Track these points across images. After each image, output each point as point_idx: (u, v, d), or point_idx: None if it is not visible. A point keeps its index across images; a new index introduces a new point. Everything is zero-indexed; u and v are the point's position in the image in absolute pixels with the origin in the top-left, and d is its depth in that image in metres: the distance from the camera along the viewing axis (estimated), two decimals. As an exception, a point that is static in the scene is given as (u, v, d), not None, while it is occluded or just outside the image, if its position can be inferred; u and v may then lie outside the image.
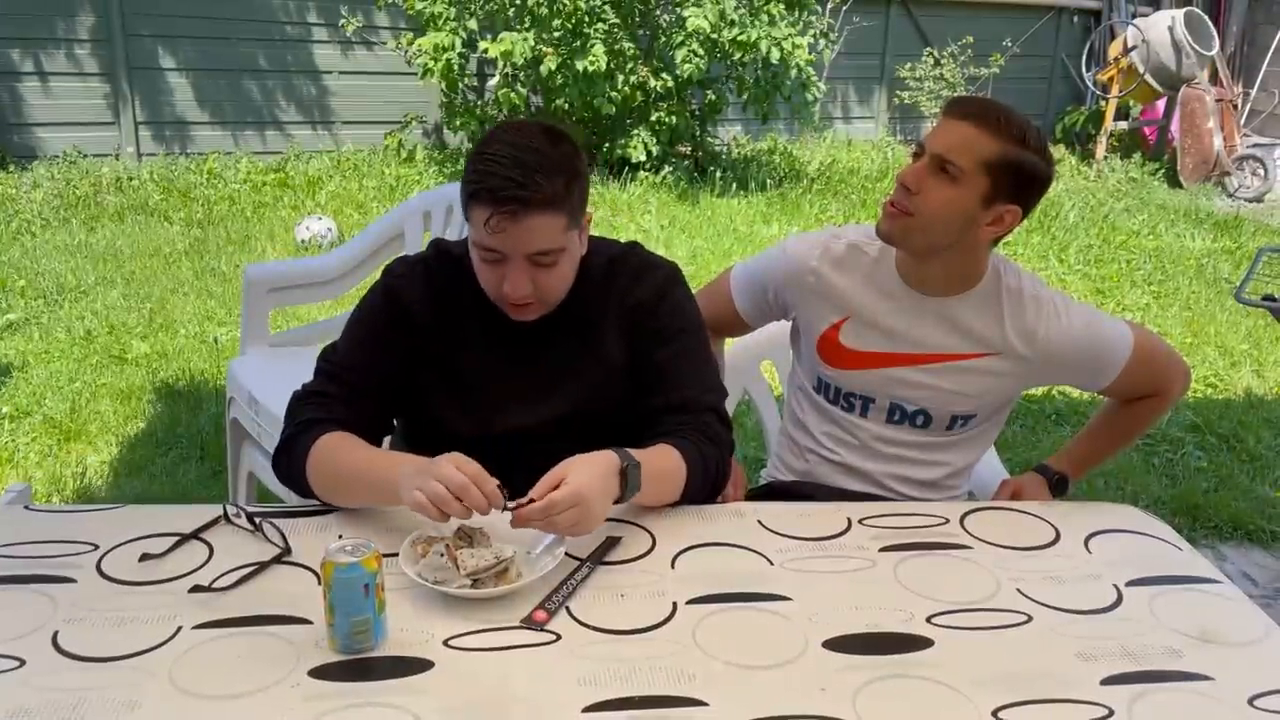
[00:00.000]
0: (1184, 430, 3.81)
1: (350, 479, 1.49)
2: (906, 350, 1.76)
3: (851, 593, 1.37)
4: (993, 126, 1.59)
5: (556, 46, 6.58)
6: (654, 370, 1.64)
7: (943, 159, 1.60)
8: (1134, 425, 1.94)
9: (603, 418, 1.64)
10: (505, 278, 1.49)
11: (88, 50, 6.73)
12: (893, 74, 9.33)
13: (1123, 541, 1.54)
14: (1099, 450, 1.97)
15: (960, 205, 1.62)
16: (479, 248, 1.50)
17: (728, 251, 5.80)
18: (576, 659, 1.21)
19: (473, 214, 1.46)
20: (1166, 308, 5.27)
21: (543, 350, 1.63)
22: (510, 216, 1.42)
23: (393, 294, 1.62)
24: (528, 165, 1.42)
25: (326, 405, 1.57)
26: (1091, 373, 1.78)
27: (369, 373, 1.60)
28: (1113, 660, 1.24)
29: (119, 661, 1.17)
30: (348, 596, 1.18)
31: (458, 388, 1.63)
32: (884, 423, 1.81)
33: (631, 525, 1.52)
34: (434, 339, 1.62)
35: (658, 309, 1.65)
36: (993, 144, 1.59)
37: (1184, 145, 8.28)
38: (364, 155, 7.33)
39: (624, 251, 1.70)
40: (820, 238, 1.83)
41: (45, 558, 1.38)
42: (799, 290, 1.82)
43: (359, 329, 1.64)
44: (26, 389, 3.66)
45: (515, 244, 1.46)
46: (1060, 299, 1.76)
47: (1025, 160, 1.61)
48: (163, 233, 5.63)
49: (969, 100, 1.64)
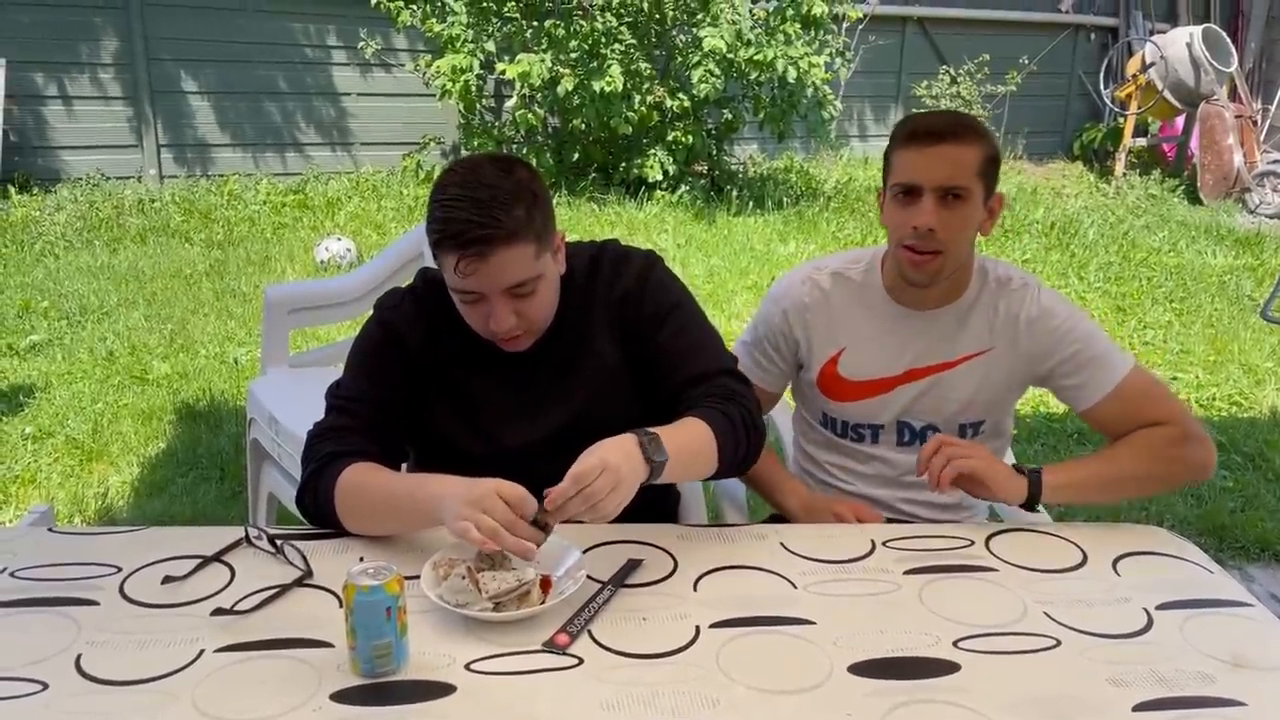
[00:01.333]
0: (1208, 449, 3.76)
1: (384, 507, 1.48)
2: (905, 369, 1.76)
3: (876, 616, 1.35)
4: (971, 133, 1.62)
5: (573, 67, 6.62)
6: (658, 356, 1.64)
7: (947, 188, 1.61)
8: (1139, 458, 1.65)
9: (610, 419, 1.62)
10: (489, 315, 1.49)
11: (111, 74, 6.82)
12: (909, 92, 9.34)
13: (1151, 564, 1.52)
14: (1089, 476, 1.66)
15: (974, 219, 1.66)
16: (456, 292, 1.51)
17: (744, 270, 5.80)
18: (599, 683, 1.20)
19: (442, 261, 1.47)
20: (1189, 325, 5.23)
21: (540, 363, 1.64)
22: (478, 257, 1.43)
23: (387, 326, 1.63)
24: (483, 202, 1.42)
25: (344, 438, 1.56)
26: (1080, 370, 1.68)
27: (378, 403, 1.60)
28: (1145, 686, 1.22)
29: (142, 685, 1.17)
30: (370, 620, 1.18)
31: (463, 409, 1.64)
32: (895, 447, 1.80)
33: (653, 548, 1.51)
34: (432, 365, 1.63)
35: (642, 296, 1.65)
36: (976, 150, 1.62)
37: (1204, 162, 8.23)
38: (382, 176, 7.38)
39: (599, 249, 1.70)
40: (802, 274, 1.82)
41: (68, 580, 1.38)
42: (798, 329, 1.80)
43: (361, 362, 1.64)
44: (49, 409, 3.69)
45: (489, 282, 1.46)
46: (1047, 293, 1.74)
47: (994, 148, 1.65)
48: (184, 254, 5.68)
49: (933, 123, 1.64)
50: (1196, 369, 4.62)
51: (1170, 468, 1.66)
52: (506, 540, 1.29)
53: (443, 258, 1.46)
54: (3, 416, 3.60)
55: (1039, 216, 7.36)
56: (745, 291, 5.44)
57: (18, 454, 3.35)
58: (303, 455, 1.59)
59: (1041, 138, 9.97)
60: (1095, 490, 1.68)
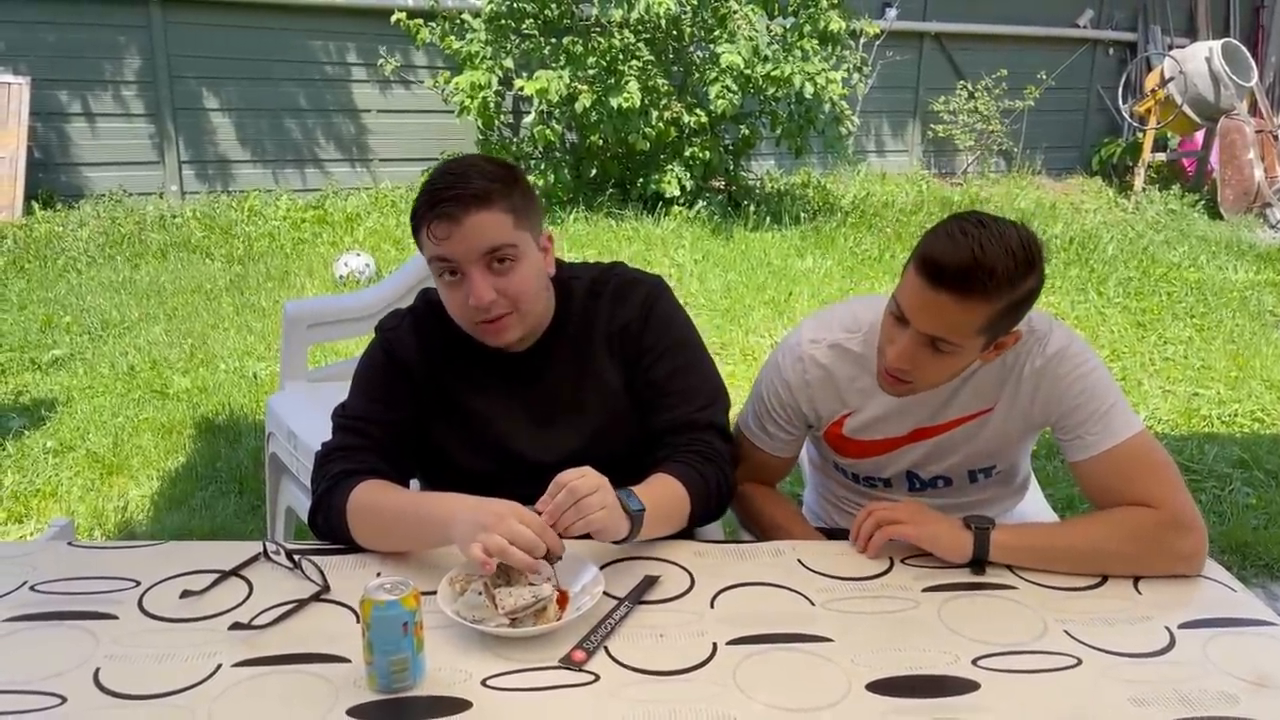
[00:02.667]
0: (1231, 466, 3.73)
1: (395, 525, 1.48)
2: (910, 429, 1.70)
3: (895, 634, 1.34)
4: (980, 292, 1.40)
5: (591, 84, 6.65)
6: (652, 390, 1.64)
7: (933, 338, 1.47)
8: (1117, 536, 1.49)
9: (619, 442, 1.64)
10: (468, 291, 1.48)
11: (134, 92, 6.89)
12: (926, 107, 9.33)
13: (1174, 582, 1.50)
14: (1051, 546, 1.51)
15: (962, 365, 1.55)
16: (435, 264, 1.50)
17: (761, 285, 5.79)
18: (615, 700, 1.20)
19: (420, 234, 1.49)
20: (1210, 340, 5.19)
21: (538, 381, 1.64)
22: (449, 219, 1.44)
23: (389, 347, 1.65)
24: (460, 173, 1.46)
25: (353, 456, 1.57)
26: (1079, 425, 1.57)
27: (384, 423, 1.60)
28: (1168, 706, 1.20)
29: (160, 699, 1.17)
30: (386, 635, 1.18)
31: (465, 428, 1.64)
32: (906, 492, 1.78)
33: (670, 564, 1.50)
34: (433, 385, 1.63)
35: (644, 328, 1.65)
36: (985, 309, 1.42)
37: (1224, 176, 8.19)
38: (401, 192, 7.43)
39: (604, 272, 1.70)
40: (799, 351, 1.70)
41: (87, 594, 1.39)
42: (804, 403, 1.72)
43: (365, 384, 1.65)
44: (70, 423, 3.71)
45: (464, 247, 1.46)
46: (1061, 336, 1.60)
47: (1022, 294, 1.44)
48: (204, 269, 5.73)
49: (946, 265, 1.40)
50: (1218, 385, 4.58)
51: (1151, 555, 1.48)
52: (514, 556, 1.28)
53: (420, 231, 1.48)
54: (25, 430, 3.63)
55: (1058, 231, 7.32)
56: (763, 307, 5.43)
57: (39, 467, 3.37)
58: (312, 475, 1.60)
59: (1060, 153, 9.94)
60: (1056, 559, 1.49)
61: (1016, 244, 1.42)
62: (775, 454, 1.77)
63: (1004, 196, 8.51)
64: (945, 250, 1.41)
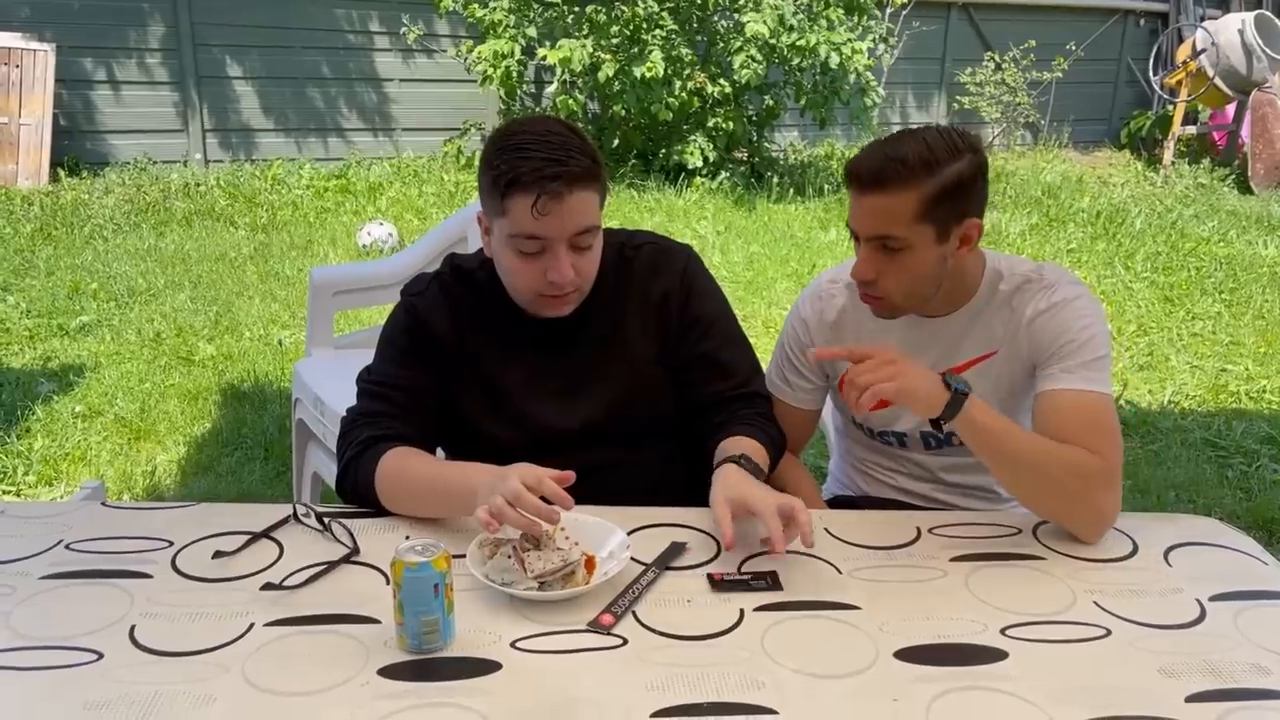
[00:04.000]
0: (1259, 442, 3.70)
1: (423, 494, 1.50)
2: None
3: (922, 603, 1.34)
4: (898, 180, 1.47)
5: (614, 53, 6.61)
6: (702, 362, 1.67)
7: (878, 238, 1.52)
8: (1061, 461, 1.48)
9: (641, 412, 1.65)
10: (549, 267, 1.48)
11: (158, 60, 6.91)
12: (952, 78, 9.23)
13: (1204, 554, 1.49)
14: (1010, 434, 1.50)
15: (923, 261, 1.54)
16: (520, 238, 1.47)
17: (784, 257, 5.77)
18: (644, 664, 1.20)
19: (513, 204, 1.45)
20: (1239, 316, 5.13)
21: (569, 349, 1.64)
22: (555, 197, 1.42)
23: (414, 311, 1.63)
24: (558, 146, 1.43)
25: (380, 423, 1.58)
26: (1061, 360, 1.56)
27: (409, 388, 1.60)
28: (1197, 677, 1.20)
29: (194, 656, 1.19)
30: (417, 596, 1.19)
31: (491, 396, 1.63)
32: (924, 451, 1.78)
33: (697, 531, 1.51)
34: (459, 352, 1.62)
35: (688, 300, 1.66)
36: (912, 195, 1.48)
37: (1255, 150, 8.06)
38: (423, 162, 7.43)
39: (630, 236, 1.70)
40: (818, 288, 1.76)
41: (121, 553, 1.40)
42: (823, 340, 1.73)
43: (390, 348, 1.64)
44: (99, 389, 3.75)
45: (560, 226, 1.45)
46: (1069, 289, 1.60)
47: (950, 178, 1.48)
48: (229, 237, 5.75)
49: (861, 168, 1.50)
50: (1246, 361, 4.53)
51: (1077, 496, 1.48)
52: (509, 516, 1.29)
53: (514, 200, 1.44)
54: (54, 395, 3.67)
55: (1085, 205, 7.25)
56: (785, 279, 5.41)
57: (68, 432, 3.41)
58: (338, 440, 1.61)
59: (1088, 125, 9.82)
60: (1002, 452, 1.49)
61: (933, 135, 1.50)
62: (797, 405, 1.78)
63: (1030, 169, 8.42)
64: (861, 157, 1.53)
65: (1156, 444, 3.65)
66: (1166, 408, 4.03)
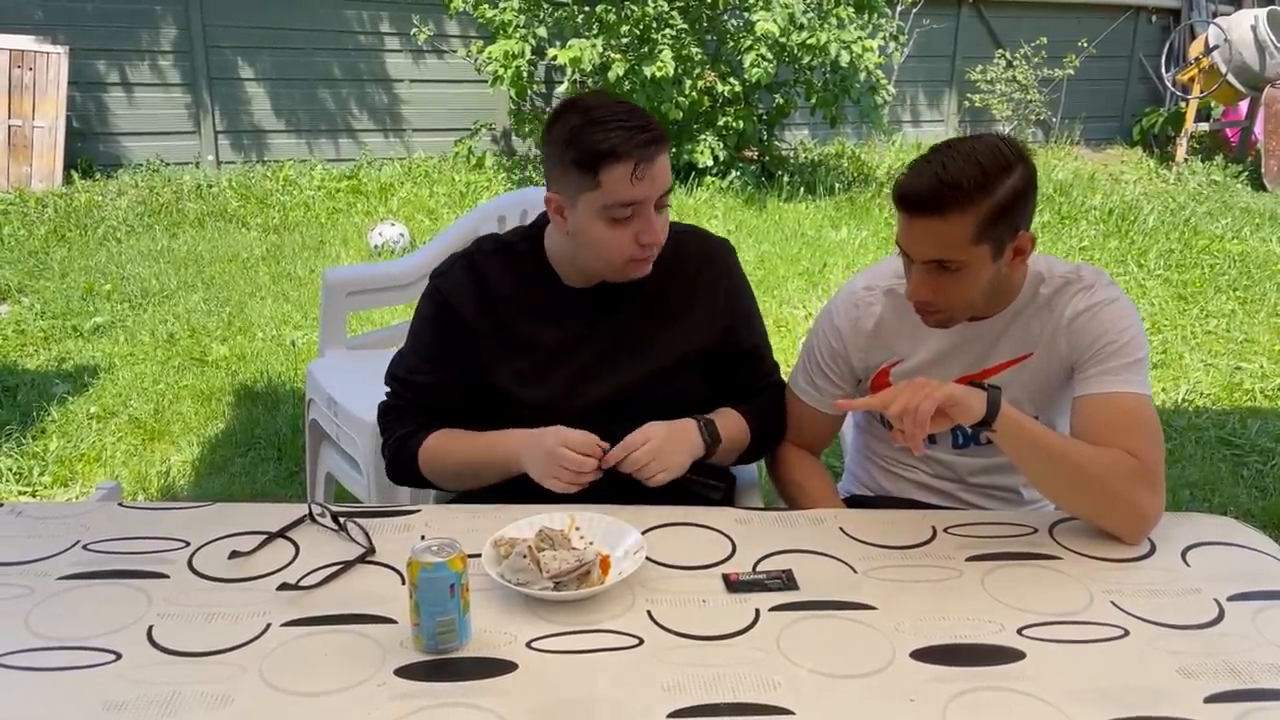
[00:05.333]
0: (1274, 441, 3.67)
1: (465, 468, 1.66)
2: (954, 378, 1.67)
3: (938, 602, 1.34)
4: (954, 206, 1.45)
5: (624, 53, 6.60)
6: (741, 354, 1.77)
7: (935, 262, 1.51)
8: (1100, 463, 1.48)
9: (670, 388, 1.69)
10: (640, 230, 1.55)
11: (170, 62, 6.93)
12: (963, 76, 9.20)
13: (1222, 554, 1.48)
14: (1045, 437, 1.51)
15: (980, 278, 1.53)
16: (617, 206, 1.52)
17: (795, 256, 5.76)
18: (660, 664, 1.20)
19: (609, 174, 1.50)
20: (1253, 314, 5.10)
21: (606, 319, 1.68)
22: (648, 161, 1.50)
23: (439, 296, 1.69)
24: (638, 114, 1.52)
25: (409, 415, 1.71)
26: (1100, 362, 1.56)
27: (434, 374, 1.69)
28: (1216, 677, 1.19)
29: (212, 656, 1.20)
30: (433, 596, 1.19)
31: (523, 362, 1.67)
32: (951, 450, 1.77)
33: (712, 531, 1.51)
34: (488, 323, 1.67)
35: (735, 293, 1.76)
36: (969, 218, 1.46)
37: (1268, 147, 8.01)
38: (434, 162, 7.43)
39: (672, 224, 1.73)
40: (855, 296, 1.74)
41: (138, 554, 1.41)
42: (855, 351, 1.74)
43: (416, 336, 1.72)
44: (113, 390, 3.77)
45: (653, 187, 1.53)
46: (1107, 290, 1.60)
47: (1004, 195, 1.47)
48: (241, 238, 5.77)
49: (912, 193, 1.48)
50: (1261, 358, 4.50)
51: (1117, 497, 1.48)
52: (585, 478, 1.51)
53: (610, 170, 1.50)
54: (69, 396, 3.69)
55: (1097, 203, 7.21)
56: (797, 278, 5.40)
57: (83, 433, 3.43)
58: (380, 428, 1.75)
59: (1100, 123, 9.77)
60: (1045, 453, 1.49)
61: (983, 152, 1.47)
62: (822, 409, 1.79)
63: (1041, 167, 8.33)
64: (912, 180, 1.49)
65: (1171, 443, 3.63)
66: (1181, 406, 4.01)
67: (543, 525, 1.40)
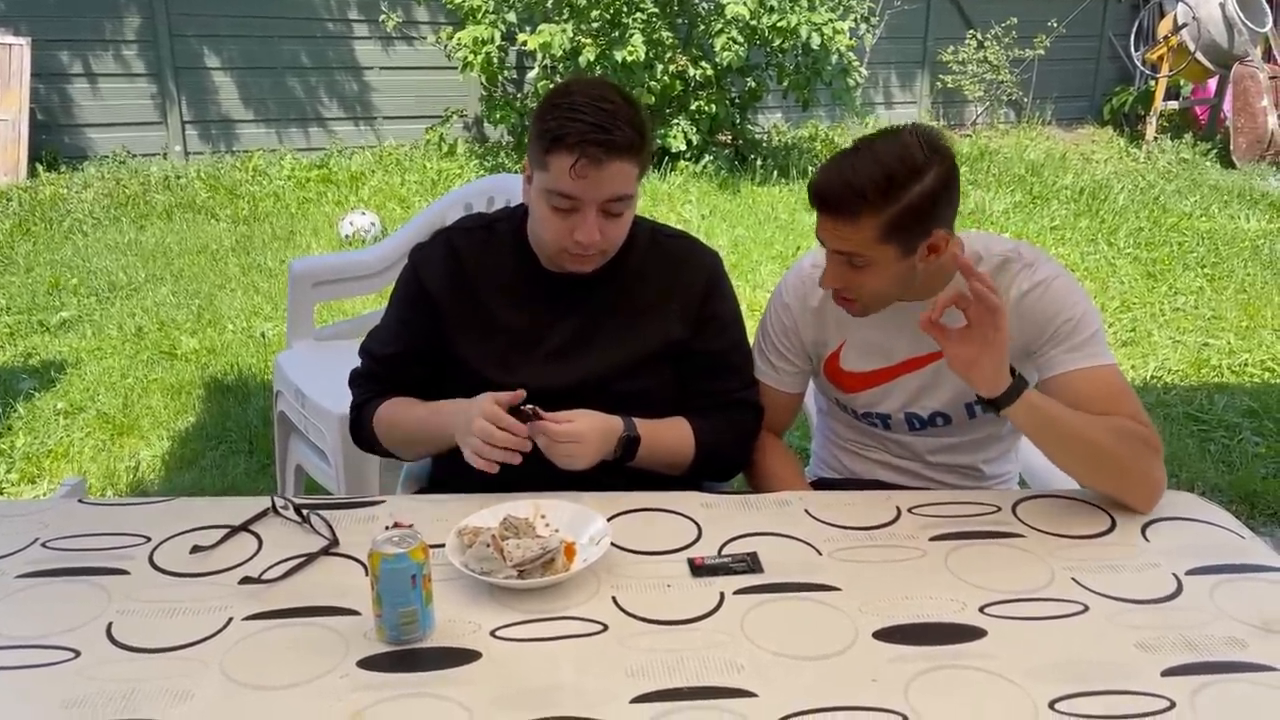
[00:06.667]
0: (1241, 416, 3.72)
1: (414, 437, 1.69)
2: (903, 359, 1.70)
3: (901, 582, 1.35)
4: (856, 211, 1.48)
5: (595, 37, 6.57)
6: (709, 358, 1.72)
7: (845, 255, 1.54)
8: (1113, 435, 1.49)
9: (637, 383, 1.67)
10: (576, 227, 1.53)
11: (134, 51, 6.84)
12: (935, 57, 9.21)
13: (1181, 529, 1.50)
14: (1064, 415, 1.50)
15: (886, 273, 1.55)
16: (555, 195, 1.52)
17: (769, 240, 5.76)
18: (624, 649, 1.20)
19: (553, 161, 1.50)
20: (1221, 291, 5.15)
21: (578, 307, 1.67)
22: (594, 163, 1.47)
23: (412, 273, 1.71)
24: (610, 114, 1.48)
25: (374, 383, 1.75)
26: (1065, 340, 1.56)
27: (404, 350, 1.72)
28: (1174, 651, 1.21)
29: (172, 652, 1.19)
30: (395, 588, 1.19)
31: (492, 342, 1.67)
32: (908, 433, 1.78)
33: (677, 515, 1.51)
34: (460, 300, 1.67)
35: (709, 297, 1.72)
36: (873, 221, 1.48)
37: (1237, 125, 8.08)
38: (405, 150, 7.38)
39: (665, 228, 1.77)
40: (801, 273, 1.76)
41: (99, 550, 1.40)
42: (805, 327, 1.75)
43: (390, 311, 1.76)
44: (80, 385, 3.73)
45: (595, 190, 1.50)
46: (1049, 267, 1.61)
47: (913, 200, 1.47)
48: (210, 230, 5.71)
49: (821, 191, 1.51)
50: (1228, 335, 4.55)
51: (1134, 465, 1.50)
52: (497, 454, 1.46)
53: (555, 157, 1.49)
54: (35, 392, 3.65)
55: (1068, 182, 7.25)
56: (770, 261, 5.41)
57: (50, 429, 3.39)
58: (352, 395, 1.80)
59: (1070, 102, 9.81)
60: (1062, 431, 1.49)
61: (894, 158, 1.47)
62: (780, 388, 1.80)
63: (1014, 147, 8.42)
64: (820, 179, 1.52)
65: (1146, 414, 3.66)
66: (1150, 383, 4.04)
67: (507, 514, 1.40)
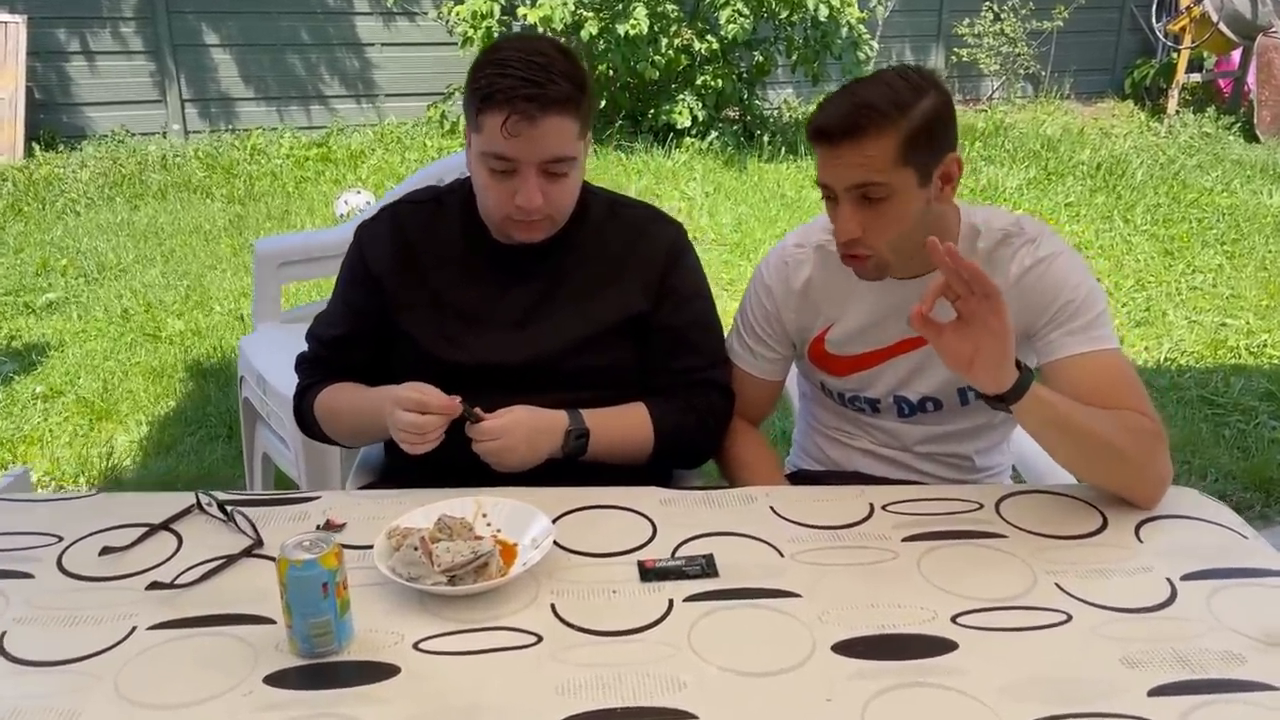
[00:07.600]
0: (1258, 399, 3.57)
1: (352, 424, 1.62)
2: (893, 341, 1.59)
3: (868, 589, 1.23)
4: (873, 126, 1.39)
5: (597, 10, 6.42)
6: (669, 333, 1.62)
7: (859, 190, 1.43)
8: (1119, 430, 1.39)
9: (593, 358, 1.59)
10: (517, 190, 1.44)
11: (132, 29, 6.75)
12: (950, 30, 8.99)
13: (1179, 528, 1.38)
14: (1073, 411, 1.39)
15: (908, 207, 1.44)
16: (490, 157, 1.44)
17: (773, 218, 5.62)
18: (556, 664, 1.10)
19: (485, 121, 1.41)
20: (1240, 268, 4.98)
21: (528, 280, 1.59)
22: (527, 119, 1.38)
23: (357, 252, 1.64)
24: (540, 66, 1.39)
25: (317, 369, 1.68)
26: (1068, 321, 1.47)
27: (349, 332, 1.65)
28: (1163, 667, 1.09)
29: (64, 666, 1.09)
30: (304, 597, 1.09)
31: (440, 318, 1.59)
32: (896, 419, 1.67)
33: (632, 513, 1.40)
34: (405, 276, 1.60)
35: (670, 270, 1.62)
36: (889, 139, 1.39)
37: (1261, 97, 7.84)
38: (407, 128, 7.26)
39: (626, 198, 1.69)
40: (785, 253, 1.65)
41: (6, 551, 1.30)
42: (786, 311, 1.65)
43: (336, 292, 1.69)
44: (61, 369, 3.65)
45: (531, 149, 1.41)
46: (1052, 242, 1.51)
47: (921, 117, 1.40)
48: (204, 210, 5.62)
49: (830, 122, 1.42)
50: (1247, 314, 4.39)
51: (1143, 460, 1.40)
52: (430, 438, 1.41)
53: (487, 116, 1.41)
54: (14, 376, 3.57)
55: (1085, 158, 7.06)
56: (773, 240, 5.27)
57: (27, 414, 3.32)
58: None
59: (1090, 76, 9.57)
60: (1069, 427, 1.38)
61: (892, 76, 1.43)
62: (759, 375, 1.70)
63: (1030, 121, 8.21)
64: (824, 112, 1.44)
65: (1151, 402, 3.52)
66: (1163, 365, 3.90)
67: (442, 514, 1.29)
